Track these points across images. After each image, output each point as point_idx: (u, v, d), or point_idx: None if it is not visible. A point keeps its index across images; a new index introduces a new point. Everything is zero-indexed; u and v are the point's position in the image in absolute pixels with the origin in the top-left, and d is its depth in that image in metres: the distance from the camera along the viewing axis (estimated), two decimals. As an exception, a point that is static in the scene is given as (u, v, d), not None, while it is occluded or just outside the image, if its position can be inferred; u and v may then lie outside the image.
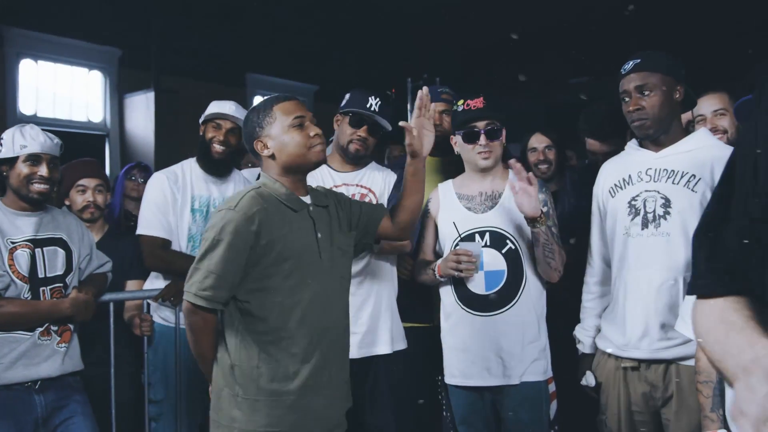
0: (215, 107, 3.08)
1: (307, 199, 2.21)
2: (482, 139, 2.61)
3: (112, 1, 5.76)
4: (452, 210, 2.72)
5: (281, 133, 2.14)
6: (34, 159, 2.58)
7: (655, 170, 2.36)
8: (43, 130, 2.66)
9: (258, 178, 2.25)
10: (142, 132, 6.75)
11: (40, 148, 2.59)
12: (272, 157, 2.16)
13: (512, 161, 2.48)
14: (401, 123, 2.35)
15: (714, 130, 2.69)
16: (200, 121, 3.11)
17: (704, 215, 1.17)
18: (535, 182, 2.46)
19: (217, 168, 3.09)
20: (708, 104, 2.81)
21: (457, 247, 2.60)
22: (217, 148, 3.03)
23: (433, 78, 7.30)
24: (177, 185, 3.03)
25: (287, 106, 2.16)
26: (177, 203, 3.02)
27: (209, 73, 7.28)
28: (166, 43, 6.53)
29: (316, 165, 2.20)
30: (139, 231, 3.01)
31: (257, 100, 8.33)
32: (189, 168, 3.11)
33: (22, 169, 2.57)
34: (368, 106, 2.80)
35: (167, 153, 5.83)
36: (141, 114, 6.77)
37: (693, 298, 2.00)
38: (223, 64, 7.40)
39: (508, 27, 6.69)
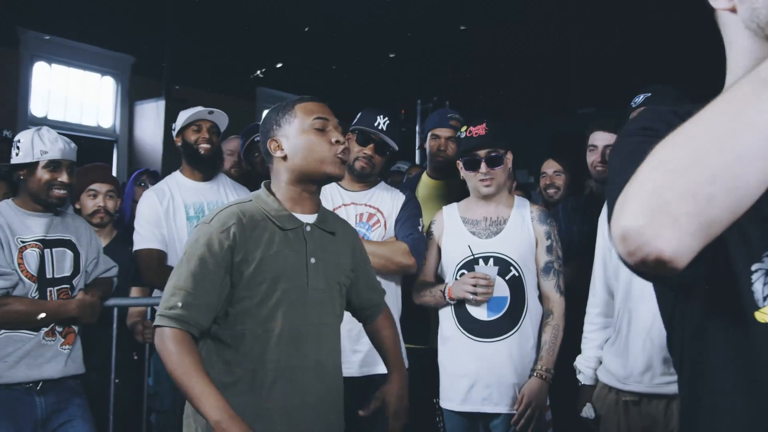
0: (190, 113, 3.15)
1: (307, 218, 1.95)
2: (483, 167, 2.63)
3: (127, 8, 5.84)
4: (457, 234, 2.73)
5: (298, 133, 1.89)
6: (54, 165, 2.61)
7: (663, 203, 2.36)
8: (59, 133, 2.69)
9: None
10: (150, 140, 6.78)
11: (61, 155, 2.62)
12: (285, 159, 1.91)
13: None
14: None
15: None
16: (176, 132, 3.18)
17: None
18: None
19: (207, 168, 3.18)
20: None
21: (469, 271, 2.61)
22: (204, 146, 3.12)
23: (442, 101, 7.37)
24: (166, 198, 3.09)
25: (310, 106, 1.92)
26: (170, 215, 3.07)
27: (220, 84, 7.33)
28: (179, 53, 6.59)
29: (331, 178, 1.94)
30: (136, 247, 3.05)
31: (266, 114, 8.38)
32: (175, 180, 3.20)
33: (43, 175, 2.60)
34: (376, 124, 2.82)
35: (174, 162, 5.86)
36: (150, 122, 6.80)
37: None
38: (234, 76, 7.46)
39: (518, 55, 6.76)
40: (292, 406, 1.82)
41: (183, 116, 3.18)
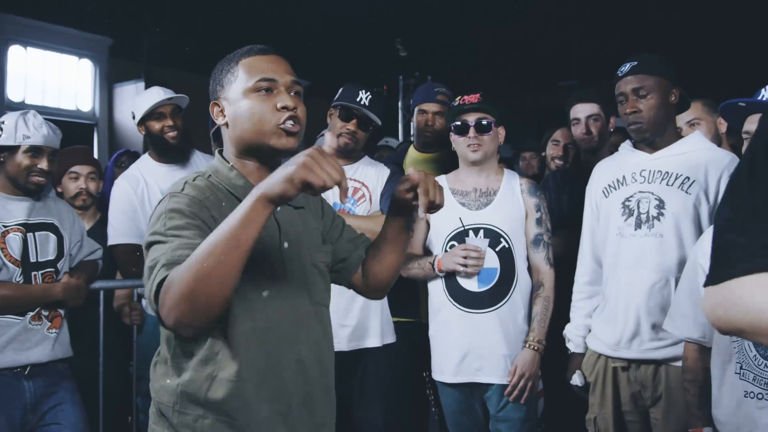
0: (146, 102, 3.03)
1: None
2: (471, 132, 2.62)
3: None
4: (446, 205, 2.71)
5: (239, 96, 1.55)
6: (35, 151, 2.56)
7: (650, 171, 2.38)
8: (45, 119, 2.63)
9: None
10: (131, 122, 6.63)
11: (43, 141, 2.57)
12: (227, 127, 1.60)
13: None
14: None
15: None
16: (136, 121, 3.07)
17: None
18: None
19: (178, 154, 3.10)
20: (681, 116, 2.78)
21: (459, 243, 2.61)
22: (171, 134, 3.03)
23: (424, 76, 7.34)
24: (140, 186, 3.02)
25: (255, 62, 1.57)
26: (146, 203, 3.01)
27: (199, 65, 7.23)
28: (157, 34, 6.50)
29: (278, 152, 1.56)
30: (111, 241, 2.99)
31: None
32: (146, 166, 3.11)
33: (23, 160, 2.55)
34: (358, 99, 2.81)
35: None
36: (130, 104, 6.72)
37: (681, 297, 2.03)
38: (213, 57, 7.35)
39: (498, 28, 6.73)
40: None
41: (141, 105, 3.05)
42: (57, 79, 6.72)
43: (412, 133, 3.54)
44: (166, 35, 6.51)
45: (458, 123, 2.64)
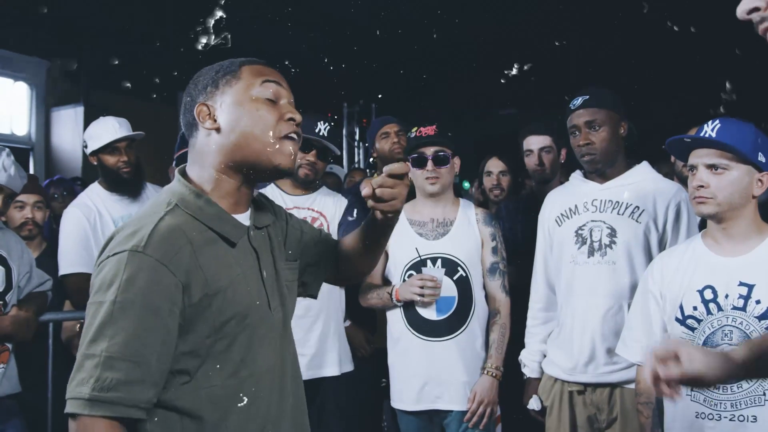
0: (102, 137, 2.98)
1: (245, 219, 1.46)
2: (429, 165, 2.66)
3: (41, 11, 5.60)
4: (404, 235, 2.75)
5: (240, 100, 1.38)
6: None
7: (601, 201, 2.48)
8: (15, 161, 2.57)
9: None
10: (69, 147, 6.53)
11: (5, 181, 2.51)
12: (217, 132, 1.38)
13: None
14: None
15: None
16: (89, 152, 3.02)
17: None
18: None
19: (131, 188, 3.06)
20: None
21: (417, 272, 2.64)
22: (126, 170, 3.00)
23: (369, 104, 7.42)
24: (92, 214, 2.97)
25: (263, 70, 1.43)
26: (98, 232, 2.96)
27: (140, 89, 7.12)
28: (97, 58, 6.38)
29: (279, 172, 1.43)
30: (63, 271, 2.91)
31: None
32: (96, 194, 3.06)
33: None
34: (317, 131, 2.83)
35: (95, 169, 5.68)
36: (69, 128, 6.55)
37: (633, 322, 2.13)
38: (154, 81, 7.26)
39: (439, 56, 6.86)
40: None
41: (96, 138, 3.00)
42: (-9, 102, 6.50)
43: (371, 154, 3.61)
44: (105, 58, 6.39)
45: (415, 155, 2.68)
